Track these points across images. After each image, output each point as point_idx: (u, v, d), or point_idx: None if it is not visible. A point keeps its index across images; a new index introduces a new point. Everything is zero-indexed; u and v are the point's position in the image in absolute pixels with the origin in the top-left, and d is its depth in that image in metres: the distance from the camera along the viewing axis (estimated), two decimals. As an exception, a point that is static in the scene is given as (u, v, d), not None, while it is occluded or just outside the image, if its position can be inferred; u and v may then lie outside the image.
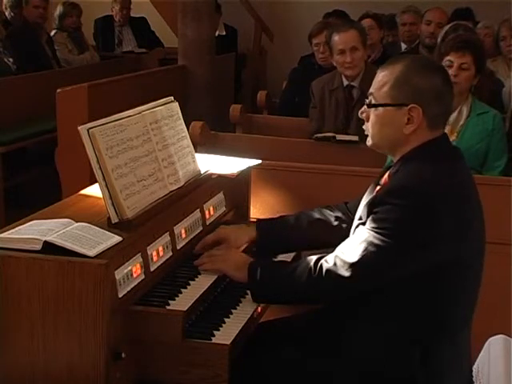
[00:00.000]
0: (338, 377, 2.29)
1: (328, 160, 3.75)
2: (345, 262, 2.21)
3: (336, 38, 4.40)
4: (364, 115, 2.36)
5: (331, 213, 2.67)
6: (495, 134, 3.94)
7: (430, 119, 2.28)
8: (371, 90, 2.34)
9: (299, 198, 3.36)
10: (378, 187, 2.37)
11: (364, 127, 2.39)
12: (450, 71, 3.83)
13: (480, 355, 2.67)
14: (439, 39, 5.04)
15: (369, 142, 2.39)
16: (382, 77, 2.32)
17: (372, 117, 2.33)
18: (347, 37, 4.36)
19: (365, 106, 2.36)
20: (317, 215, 2.68)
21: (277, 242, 2.68)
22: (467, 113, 3.92)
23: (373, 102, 2.32)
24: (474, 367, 2.61)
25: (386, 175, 2.37)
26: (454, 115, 3.92)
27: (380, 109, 2.30)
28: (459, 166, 2.33)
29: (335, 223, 2.63)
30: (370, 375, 2.26)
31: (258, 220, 2.79)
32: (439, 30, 5.37)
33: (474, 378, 2.48)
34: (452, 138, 3.91)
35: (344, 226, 2.59)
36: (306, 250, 2.70)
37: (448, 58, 3.85)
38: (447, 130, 3.88)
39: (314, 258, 2.30)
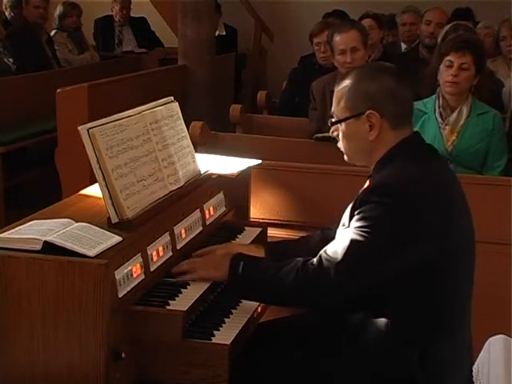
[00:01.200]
0: (338, 377, 2.29)
1: (328, 160, 3.74)
2: (329, 262, 2.20)
3: (337, 38, 4.39)
4: (335, 134, 2.40)
5: (332, 234, 2.68)
6: (495, 134, 3.94)
7: (390, 120, 2.30)
8: (332, 109, 2.39)
9: (299, 198, 3.36)
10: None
11: (338, 145, 2.43)
12: (450, 71, 3.84)
13: (480, 355, 2.68)
14: (439, 39, 5.04)
15: (345, 158, 2.43)
16: (336, 93, 2.37)
17: (340, 134, 2.37)
18: (348, 37, 4.36)
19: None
20: (321, 237, 2.68)
21: None
22: (467, 113, 3.92)
23: (334, 119, 2.36)
24: (474, 367, 2.61)
25: (368, 182, 2.38)
26: (454, 115, 3.92)
27: (343, 124, 2.34)
28: (438, 164, 2.34)
29: None
30: (370, 375, 2.26)
31: (267, 243, 2.80)
32: (439, 30, 5.37)
33: (474, 378, 2.48)
34: (452, 138, 3.92)
35: None
36: None
37: (448, 58, 3.85)
38: (447, 130, 3.92)
39: (301, 259, 2.29)
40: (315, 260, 2.25)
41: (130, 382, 2.17)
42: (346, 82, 2.33)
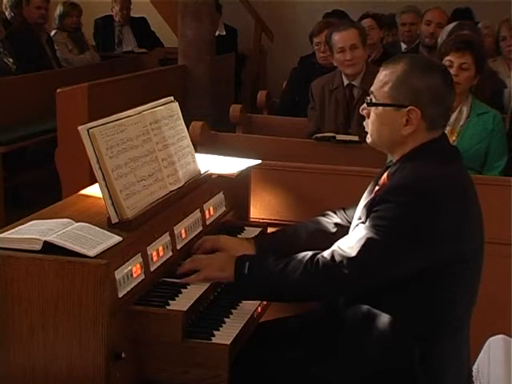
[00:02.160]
0: (338, 377, 2.29)
1: (328, 160, 3.75)
2: (343, 257, 2.20)
3: (336, 36, 4.42)
4: (365, 112, 2.37)
5: (329, 220, 2.67)
6: (495, 135, 3.94)
7: (428, 121, 2.28)
8: (372, 88, 2.36)
9: (299, 198, 3.36)
10: (377, 188, 2.38)
11: (364, 124, 2.40)
12: (450, 71, 3.84)
13: (480, 355, 2.68)
14: (440, 39, 5.03)
15: (368, 139, 2.40)
16: (383, 76, 2.32)
17: (372, 115, 2.34)
18: (346, 35, 4.39)
19: (365, 104, 2.37)
20: (314, 226, 2.66)
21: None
22: (467, 113, 3.92)
23: (373, 100, 2.33)
24: (474, 367, 2.61)
25: (385, 175, 2.37)
26: (454, 115, 3.91)
27: (380, 108, 2.31)
28: (459, 167, 2.33)
29: (334, 230, 2.62)
30: (370, 375, 2.26)
31: (257, 237, 2.77)
32: (439, 30, 5.36)
33: (473, 378, 2.48)
34: (452, 139, 3.91)
35: (343, 231, 2.58)
36: None
37: (448, 58, 3.85)
38: (447, 130, 3.91)
39: (309, 253, 2.28)
40: (327, 253, 2.25)
41: (129, 382, 2.17)
42: (397, 68, 2.29)
